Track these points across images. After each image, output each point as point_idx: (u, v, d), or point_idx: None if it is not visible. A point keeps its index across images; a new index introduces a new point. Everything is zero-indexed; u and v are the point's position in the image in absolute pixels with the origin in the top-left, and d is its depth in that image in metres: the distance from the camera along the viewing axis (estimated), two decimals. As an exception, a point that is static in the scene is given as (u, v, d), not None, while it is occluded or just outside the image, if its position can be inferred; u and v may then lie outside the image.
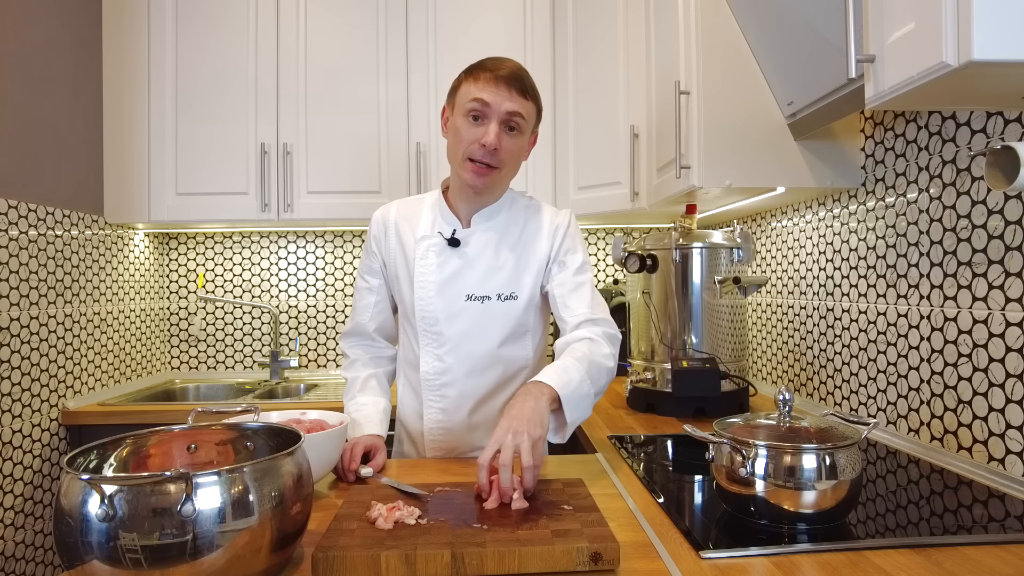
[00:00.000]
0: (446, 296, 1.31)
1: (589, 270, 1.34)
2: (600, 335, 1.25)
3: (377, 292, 1.40)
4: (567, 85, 2.34)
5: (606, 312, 1.31)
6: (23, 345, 1.86)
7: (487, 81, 1.21)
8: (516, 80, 1.22)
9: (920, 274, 1.35)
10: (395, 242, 1.36)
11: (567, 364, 1.15)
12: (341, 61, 2.33)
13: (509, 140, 1.24)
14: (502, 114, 1.21)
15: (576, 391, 1.12)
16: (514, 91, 1.21)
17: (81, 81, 2.16)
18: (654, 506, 1.03)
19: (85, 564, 0.68)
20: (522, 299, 1.32)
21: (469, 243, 1.32)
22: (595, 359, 1.19)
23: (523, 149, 1.29)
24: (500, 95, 1.20)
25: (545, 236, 1.34)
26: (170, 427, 0.93)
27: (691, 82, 1.62)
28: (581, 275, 1.32)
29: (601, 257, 2.77)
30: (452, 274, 1.31)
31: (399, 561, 0.77)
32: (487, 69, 1.22)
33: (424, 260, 1.32)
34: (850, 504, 0.92)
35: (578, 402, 1.13)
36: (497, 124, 1.21)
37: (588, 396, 1.15)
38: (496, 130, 1.21)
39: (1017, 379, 1.10)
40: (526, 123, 1.25)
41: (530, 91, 1.24)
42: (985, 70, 0.78)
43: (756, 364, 2.19)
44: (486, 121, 1.21)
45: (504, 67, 1.22)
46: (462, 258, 1.31)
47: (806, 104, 1.45)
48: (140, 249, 2.49)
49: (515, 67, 1.24)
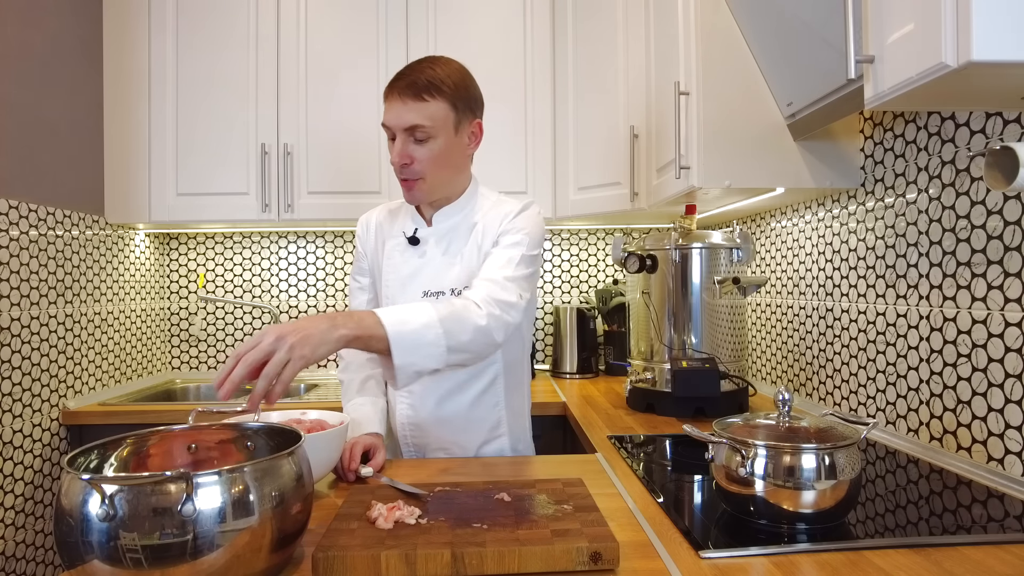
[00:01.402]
0: (407, 293, 1.34)
1: (520, 247, 1.25)
2: (482, 296, 1.14)
3: (368, 291, 1.45)
4: (567, 85, 2.34)
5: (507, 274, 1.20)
6: (24, 345, 1.86)
7: (388, 98, 1.22)
8: (408, 86, 1.20)
9: (919, 274, 1.35)
10: (375, 242, 1.42)
11: (417, 307, 1.06)
12: (341, 61, 2.33)
13: (421, 150, 1.23)
14: (402, 130, 1.21)
15: (414, 334, 1.02)
16: (408, 100, 1.19)
17: (81, 81, 2.17)
18: (654, 506, 1.03)
19: (85, 564, 0.68)
20: None
21: (428, 241, 1.34)
22: (463, 311, 1.09)
23: (445, 150, 1.24)
24: (395, 111, 1.21)
25: (494, 224, 1.31)
26: (170, 427, 0.93)
27: (691, 82, 1.62)
28: (507, 250, 1.25)
29: (601, 257, 2.77)
30: (411, 272, 1.34)
31: (399, 561, 0.77)
32: (390, 84, 1.22)
33: (390, 260, 1.37)
34: (849, 504, 0.92)
35: (415, 347, 1.02)
36: (402, 141, 1.22)
37: (434, 345, 1.04)
38: (400, 148, 1.22)
39: (1016, 379, 1.11)
40: (433, 128, 1.21)
41: (427, 89, 1.20)
42: (984, 71, 0.78)
43: (756, 364, 2.19)
44: (396, 139, 1.23)
45: (402, 75, 1.22)
46: (421, 256, 1.34)
47: (805, 104, 1.45)
48: (140, 249, 2.49)
49: (415, 70, 1.21)
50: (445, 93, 1.22)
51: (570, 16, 2.33)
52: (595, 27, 2.25)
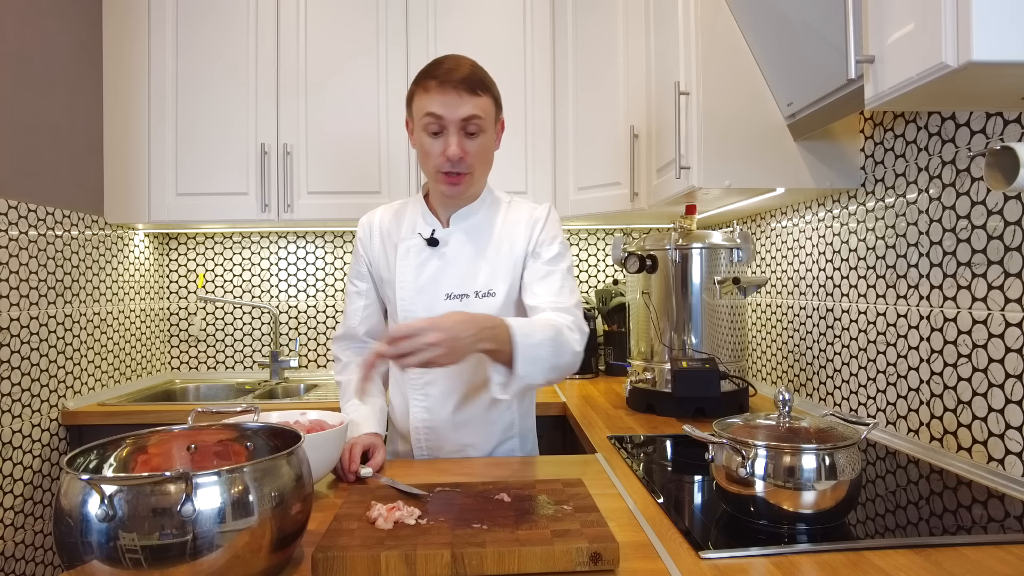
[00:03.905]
0: (426, 296, 1.31)
1: (564, 261, 1.32)
2: (570, 323, 1.21)
3: (366, 296, 1.42)
4: (567, 85, 2.34)
5: (575, 301, 1.27)
6: (23, 345, 1.86)
7: (436, 90, 1.19)
8: (464, 81, 1.19)
9: (920, 275, 1.35)
10: (379, 245, 1.38)
11: (534, 322, 1.12)
12: (341, 61, 2.33)
13: (473, 143, 1.23)
14: (458, 122, 1.20)
15: (535, 347, 1.08)
16: (464, 93, 1.19)
17: (81, 81, 2.17)
18: (654, 506, 1.03)
19: (85, 564, 0.68)
20: (499, 295, 1.31)
21: (448, 243, 1.32)
22: (563, 333, 1.15)
23: (489, 146, 1.28)
24: (451, 103, 1.19)
25: (523, 231, 1.33)
26: (170, 427, 0.93)
27: (691, 82, 1.62)
28: (553, 265, 1.30)
29: (601, 257, 2.77)
30: (432, 274, 1.32)
31: (399, 561, 0.77)
32: (433, 76, 1.20)
33: (404, 261, 1.33)
34: (850, 504, 0.92)
35: (533, 360, 1.07)
36: (456, 134, 1.20)
37: (545, 361, 1.10)
38: (456, 140, 1.20)
39: (1016, 379, 1.11)
40: (485, 121, 1.23)
41: (481, 86, 1.21)
42: (985, 71, 0.78)
43: (756, 364, 2.19)
44: (445, 133, 1.21)
45: (450, 69, 1.20)
46: (441, 258, 1.32)
47: (806, 104, 1.45)
48: (140, 249, 2.49)
49: (461, 65, 1.21)
50: (490, 89, 1.24)
51: (570, 16, 2.33)
52: (595, 27, 2.25)
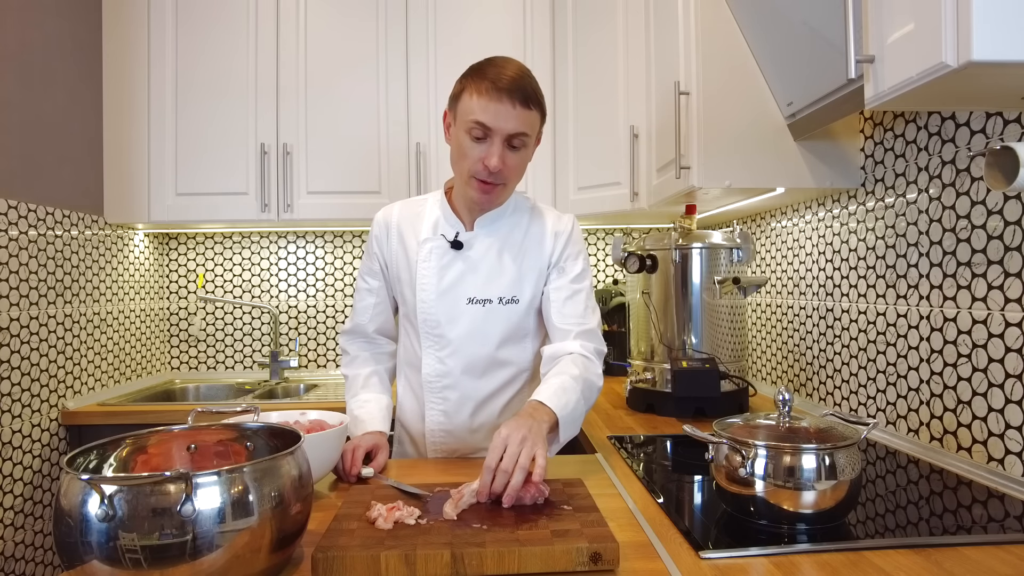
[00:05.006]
0: (448, 299, 1.30)
1: (587, 279, 1.35)
2: (593, 352, 1.28)
3: (377, 294, 1.39)
4: (567, 85, 2.34)
5: (597, 322, 1.33)
6: (23, 345, 1.86)
7: (488, 95, 1.14)
8: (519, 91, 1.15)
9: (920, 274, 1.35)
10: (397, 243, 1.35)
11: (565, 384, 1.16)
12: (341, 61, 2.33)
13: (514, 157, 1.20)
14: (504, 135, 1.17)
15: (572, 412, 1.15)
16: (517, 103, 1.15)
17: (81, 81, 2.17)
18: (654, 506, 1.03)
19: (85, 564, 0.68)
20: (523, 303, 1.31)
21: (472, 246, 1.30)
22: (589, 378, 1.22)
23: (528, 158, 1.25)
24: (501, 115, 1.15)
25: (548, 241, 1.33)
26: (170, 427, 0.93)
27: (691, 82, 1.62)
28: (578, 283, 1.33)
29: (601, 257, 2.77)
30: (455, 277, 1.30)
31: (399, 561, 0.77)
32: (487, 78, 1.15)
33: (426, 263, 1.31)
34: (850, 504, 0.92)
35: (572, 423, 1.16)
36: (500, 144, 1.17)
37: (580, 416, 1.19)
38: (499, 152, 1.17)
39: (1016, 379, 1.11)
40: (530, 137, 1.20)
41: (533, 98, 1.18)
42: (984, 70, 0.78)
43: (756, 364, 2.19)
44: (488, 141, 1.17)
45: (506, 74, 1.15)
46: (465, 261, 1.30)
47: (806, 104, 1.45)
48: (140, 249, 2.49)
49: (517, 73, 1.17)
50: (540, 103, 1.21)
51: (570, 17, 2.33)
52: (595, 27, 2.25)
